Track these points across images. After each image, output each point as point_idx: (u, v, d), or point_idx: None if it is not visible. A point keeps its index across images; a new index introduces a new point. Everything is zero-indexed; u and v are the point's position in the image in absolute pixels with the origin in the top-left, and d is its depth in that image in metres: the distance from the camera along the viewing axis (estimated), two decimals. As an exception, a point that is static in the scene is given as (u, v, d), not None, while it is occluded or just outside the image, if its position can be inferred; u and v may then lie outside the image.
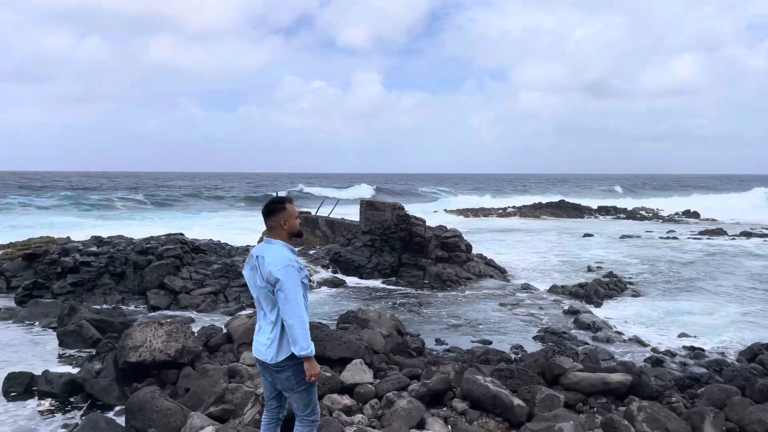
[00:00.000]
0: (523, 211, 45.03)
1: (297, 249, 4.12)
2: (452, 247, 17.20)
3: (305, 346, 3.62)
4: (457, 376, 6.48)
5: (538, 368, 6.83)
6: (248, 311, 10.50)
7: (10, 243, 19.46)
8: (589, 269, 18.21)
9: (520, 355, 8.88)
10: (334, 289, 14.64)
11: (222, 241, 18.82)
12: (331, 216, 23.76)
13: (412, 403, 5.63)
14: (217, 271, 14.42)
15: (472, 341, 10.16)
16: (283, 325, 3.68)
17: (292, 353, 3.68)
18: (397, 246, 16.84)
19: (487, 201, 57.91)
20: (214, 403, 5.62)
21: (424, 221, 17.23)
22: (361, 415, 5.70)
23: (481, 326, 11.25)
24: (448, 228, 18.72)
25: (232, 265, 14.85)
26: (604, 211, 46.49)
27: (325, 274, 16.03)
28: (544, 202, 49.94)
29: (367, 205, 18.28)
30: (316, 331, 7.06)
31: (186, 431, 4.95)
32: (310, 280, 3.87)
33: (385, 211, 17.38)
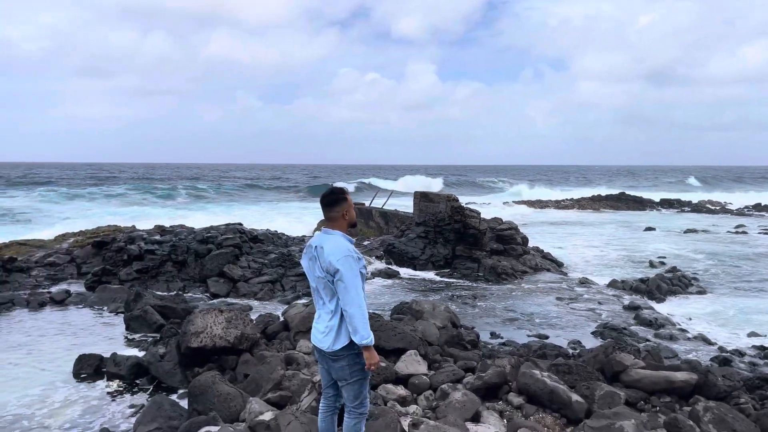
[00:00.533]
0: (581, 204, 43.91)
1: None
2: (508, 239, 16.95)
3: (365, 335, 3.64)
4: (513, 370, 6.40)
5: (597, 364, 6.66)
6: (304, 300, 10.66)
7: (81, 231, 20.44)
8: (651, 264, 17.60)
9: (578, 351, 8.69)
10: (387, 280, 14.69)
11: (279, 231, 19.18)
12: (384, 207, 23.84)
13: (467, 396, 5.59)
14: (275, 261, 14.70)
15: (528, 335, 10.00)
16: (341, 315, 3.71)
17: (348, 343, 3.71)
18: (451, 238, 16.74)
19: (543, 193, 56.80)
20: (272, 389, 5.74)
21: (478, 213, 17.04)
22: (415, 406, 5.71)
23: (537, 320, 11.07)
24: (504, 220, 18.46)
25: (289, 255, 15.12)
26: (667, 204, 44.78)
27: (379, 265, 16.10)
28: (603, 194, 48.54)
29: (420, 197, 18.22)
30: (371, 321, 7.09)
31: (245, 416, 5.08)
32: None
33: (439, 202, 17.28)
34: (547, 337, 9.87)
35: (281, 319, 8.86)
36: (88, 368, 7.80)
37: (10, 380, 7.56)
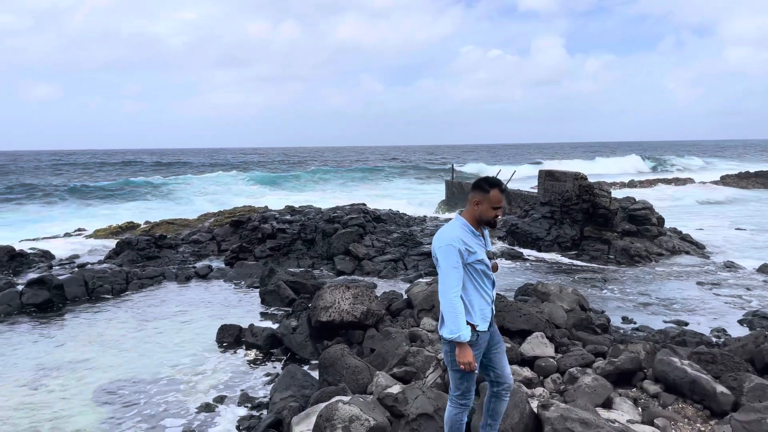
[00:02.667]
0: (726, 181, 40.12)
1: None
2: (641, 219, 15.94)
3: (453, 330, 3.48)
4: (649, 357, 6.03)
5: (746, 354, 6.09)
6: (427, 279, 10.75)
7: (219, 211, 22.06)
8: (812, 247, 15.75)
9: (723, 340, 8.00)
10: (510, 262, 14.41)
11: (401, 211, 19.46)
12: (507, 186, 23.33)
13: (597, 381, 5.36)
14: (397, 240, 14.95)
15: (665, 321, 9.38)
16: None
17: None
18: (578, 218, 16.04)
19: (682, 169, 52.61)
20: (397, 364, 5.87)
21: (609, 192, 16.15)
22: (542, 389, 5.58)
23: (675, 306, 10.33)
24: (637, 199, 17.36)
25: (411, 235, 15.30)
26: (831, 180, 39.70)
27: (502, 246, 15.83)
28: (752, 170, 44.00)
29: (546, 176, 17.60)
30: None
31: (372, 388, 5.24)
32: (493, 257, 3.73)
33: (565, 181, 16.59)
34: (686, 324, 9.19)
35: (405, 296, 9.00)
36: (229, 337, 8.43)
37: (163, 346, 8.38)
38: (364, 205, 18.60)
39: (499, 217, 3.70)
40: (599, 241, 15.34)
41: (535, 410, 4.50)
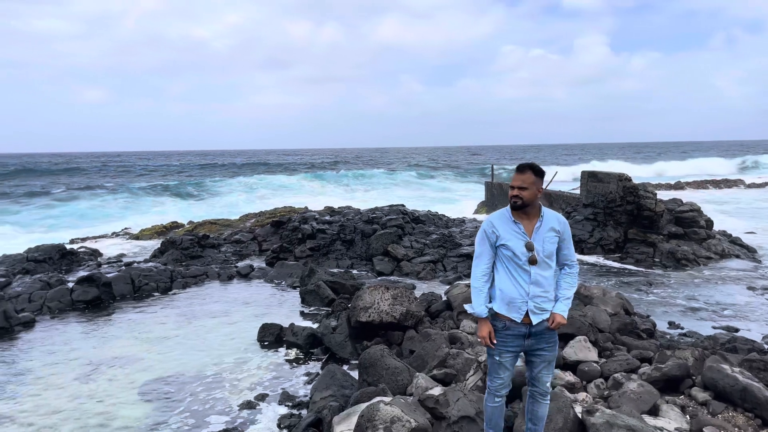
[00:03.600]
0: (779, 183, 38.65)
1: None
2: (689, 222, 15.47)
3: (473, 306, 3.76)
4: (697, 363, 5.85)
5: (801, 363, 5.85)
6: (466, 281, 10.68)
7: (260, 212, 22.39)
8: None
9: (775, 347, 7.70)
10: (552, 263, 14.17)
11: (440, 213, 19.38)
12: (548, 188, 22.98)
13: (643, 387, 5.23)
14: (436, 241, 14.89)
15: (714, 327, 9.08)
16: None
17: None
18: (622, 220, 15.68)
19: (732, 170, 50.86)
20: (437, 366, 5.84)
21: (654, 193, 15.73)
22: (585, 394, 5.47)
23: (725, 311, 10.00)
24: (684, 201, 16.86)
25: (450, 236, 15.22)
26: None
27: (543, 247, 15.59)
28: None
29: (589, 176, 17.26)
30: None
31: (412, 390, 5.23)
32: (530, 250, 3.70)
33: (609, 182, 16.24)
34: (737, 330, 8.88)
35: (444, 298, 8.96)
36: (270, 336, 8.55)
37: (207, 344, 8.55)
38: (403, 206, 18.60)
39: (519, 199, 3.68)
40: (644, 244, 14.96)
41: (580, 415, 4.42)
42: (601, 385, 5.65)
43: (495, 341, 3.73)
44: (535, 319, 3.69)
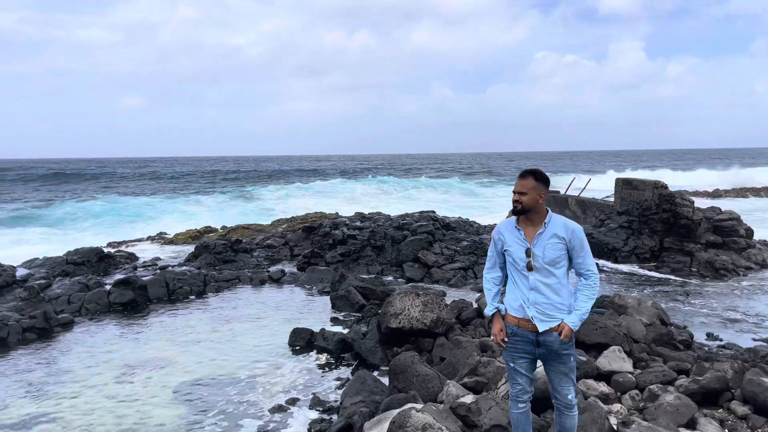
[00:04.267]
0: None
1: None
2: (728, 231, 15.08)
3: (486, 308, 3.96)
4: (736, 376, 5.70)
5: None
6: (498, 288, 10.60)
7: (292, 217, 22.60)
8: None
9: (820, 361, 7.43)
10: (585, 272, 13.94)
11: (470, 219, 19.27)
12: (581, 195, 22.66)
13: (680, 400, 5.11)
14: (466, 248, 14.82)
15: (755, 339, 8.81)
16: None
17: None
18: (658, 228, 15.37)
19: (772, 179, 49.29)
20: (468, 374, 5.81)
21: (691, 201, 15.39)
22: (619, 405, 5.37)
23: (766, 323, 9.70)
24: (723, 209, 16.44)
25: (481, 243, 15.12)
26: None
27: (576, 255, 15.36)
28: None
29: (623, 184, 16.98)
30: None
31: (443, 397, 5.21)
32: (528, 257, 3.69)
33: (644, 189, 15.95)
34: (778, 343, 8.60)
35: (475, 305, 8.91)
36: (301, 341, 8.61)
37: (239, 347, 8.66)
38: (433, 212, 18.56)
39: (518, 203, 3.73)
40: (681, 253, 14.64)
41: (615, 427, 4.35)
42: (637, 396, 5.55)
43: (506, 339, 3.82)
44: (540, 326, 3.69)
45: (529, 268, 3.69)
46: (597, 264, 12.03)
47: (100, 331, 9.69)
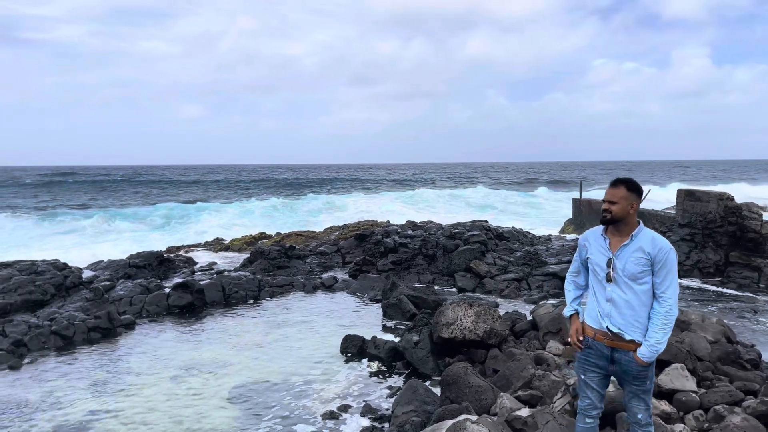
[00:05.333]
0: None
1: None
2: (799, 245, 14.30)
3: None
4: (811, 400, 5.37)
5: None
6: (553, 300, 10.38)
7: (344, 225, 22.78)
8: None
9: None
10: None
11: (524, 230, 18.97)
12: (640, 206, 21.97)
13: (748, 422, 4.86)
14: (520, 259, 14.58)
15: (830, 361, 8.30)
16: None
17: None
18: (723, 242, 14.72)
19: None
20: (522, 387, 5.70)
21: (760, 214, 14.68)
22: (682, 425, 5.15)
23: (842, 344, 9.14)
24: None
25: (535, 254, 14.85)
26: None
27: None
28: None
29: (685, 195, 16.37)
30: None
31: (496, 410, 5.13)
32: (609, 267, 3.56)
33: (708, 201, 15.33)
34: None
35: (529, 317, 8.74)
36: (353, 348, 8.65)
37: (292, 352, 8.78)
38: (486, 221, 18.36)
39: (608, 213, 3.64)
40: (748, 268, 13.97)
41: (677, 448, 4.17)
42: (701, 417, 5.31)
43: (582, 339, 3.75)
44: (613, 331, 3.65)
45: (608, 279, 3.61)
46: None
47: (159, 333, 10.01)
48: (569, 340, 3.83)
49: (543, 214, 34.76)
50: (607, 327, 3.62)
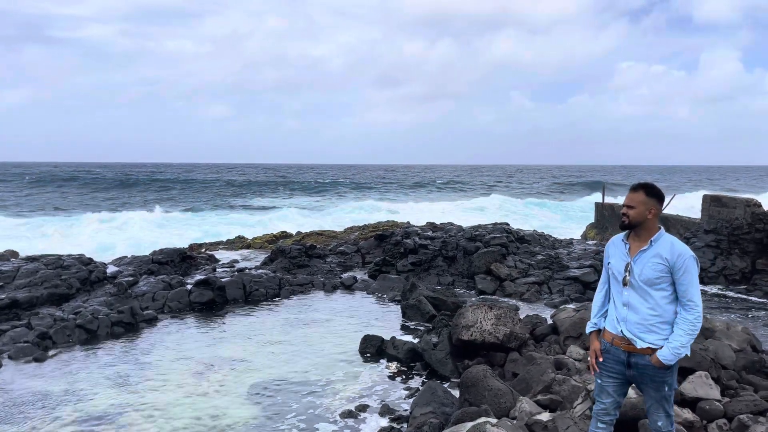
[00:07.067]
0: None
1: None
2: (829, 254, 13.98)
3: None
4: (840, 412, 5.25)
5: None
6: (574, 305, 10.28)
7: (364, 225, 22.83)
8: None
9: None
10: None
11: (546, 233, 18.81)
12: (664, 211, 21.65)
13: (774, 433, 4.77)
14: (541, 262, 14.46)
15: None
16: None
17: None
18: (750, 249, 14.45)
19: None
20: (542, 391, 5.66)
21: (788, 221, 14.38)
22: (705, 434, 5.07)
23: None
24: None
25: (557, 257, 14.72)
26: None
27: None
28: None
29: (711, 201, 16.10)
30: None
31: (516, 413, 5.10)
32: (626, 272, 3.62)
33: (735, 207, 15.05)
34: None
35: (550, 321, 8.66)
36: (371, 348, 8.66)
37: (311, 351, 8.82)
38: (507, 224, 18.24)
39: (626, 217, 3.63)
40: (775, 276, 13.69)
41: (700, 457, 4.11)
42: (724, 426, 5.22)
43: (600, 359, 3.74)
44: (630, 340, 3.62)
45: (624, 283, 3.61)
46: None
47: (180, 329, 10.13)
48: (589, 359, 3.83)
49: (565, 217, 34.43)
50: (621, 331, 3.62)
